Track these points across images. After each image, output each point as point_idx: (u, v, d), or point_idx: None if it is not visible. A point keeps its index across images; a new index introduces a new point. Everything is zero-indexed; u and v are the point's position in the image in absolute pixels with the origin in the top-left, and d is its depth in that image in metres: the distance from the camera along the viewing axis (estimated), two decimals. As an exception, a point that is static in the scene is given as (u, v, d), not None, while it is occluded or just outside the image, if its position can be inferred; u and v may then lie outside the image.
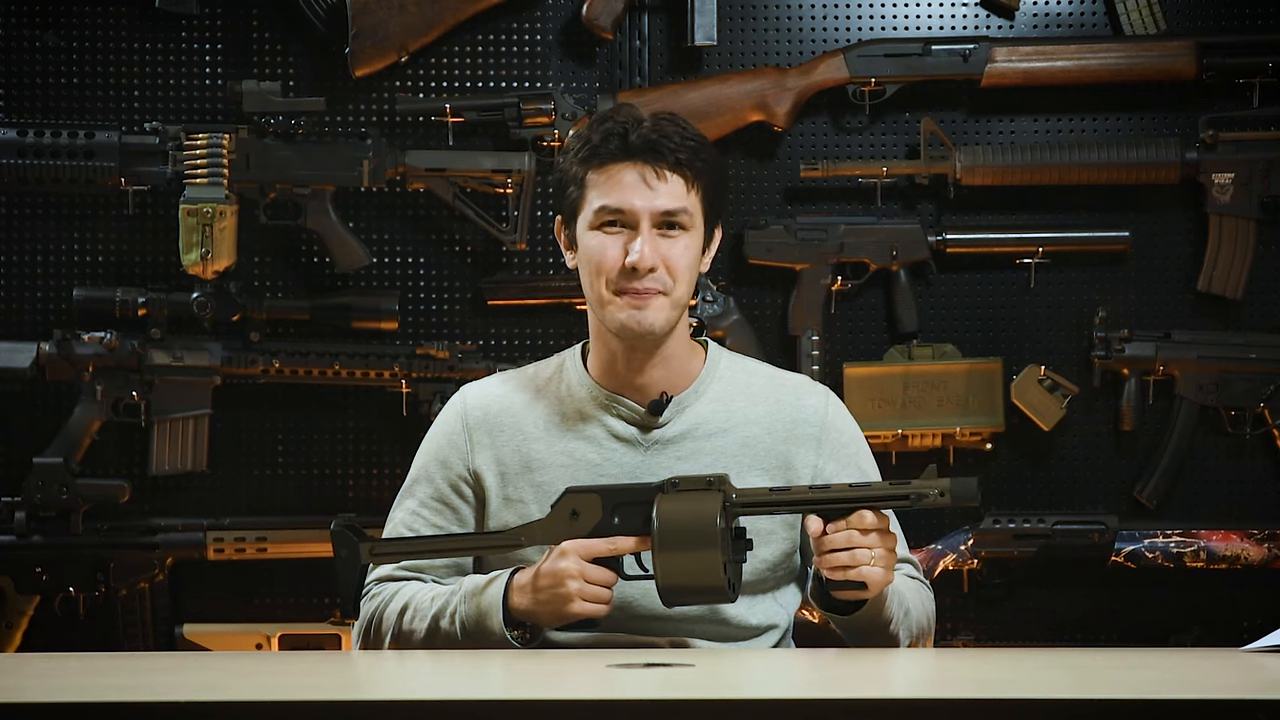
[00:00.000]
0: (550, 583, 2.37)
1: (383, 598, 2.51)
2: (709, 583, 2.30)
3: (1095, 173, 3.61)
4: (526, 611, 2.39)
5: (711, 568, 2.29)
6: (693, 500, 2.32)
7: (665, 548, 2.31)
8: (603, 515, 2.38)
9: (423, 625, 2.45)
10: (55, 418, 3.60)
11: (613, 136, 2.49)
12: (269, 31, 3.69)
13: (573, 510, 2.39)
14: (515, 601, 2.40)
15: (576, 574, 2.35)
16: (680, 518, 2.31)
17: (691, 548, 2.30)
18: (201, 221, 3.47)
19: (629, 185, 2.47)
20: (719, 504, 2.30)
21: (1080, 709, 1.81)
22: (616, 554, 2.36)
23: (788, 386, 2.61)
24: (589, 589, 2.35)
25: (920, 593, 2.54)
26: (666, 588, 2.31)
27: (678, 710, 1.84)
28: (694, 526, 2.30)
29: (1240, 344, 3.64)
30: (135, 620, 3.59)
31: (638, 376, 2.53)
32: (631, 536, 2.35)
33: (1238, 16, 3.69)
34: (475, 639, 2.41)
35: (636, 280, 2.46)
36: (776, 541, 2.52)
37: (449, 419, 2.60)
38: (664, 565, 2.31)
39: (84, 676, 2.15)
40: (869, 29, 3.70)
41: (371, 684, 2.09)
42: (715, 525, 2.29)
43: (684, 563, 2.30)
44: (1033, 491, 3.70)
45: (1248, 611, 3.60)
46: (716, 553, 2.29)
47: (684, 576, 2.31)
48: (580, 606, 2.36)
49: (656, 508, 2.32)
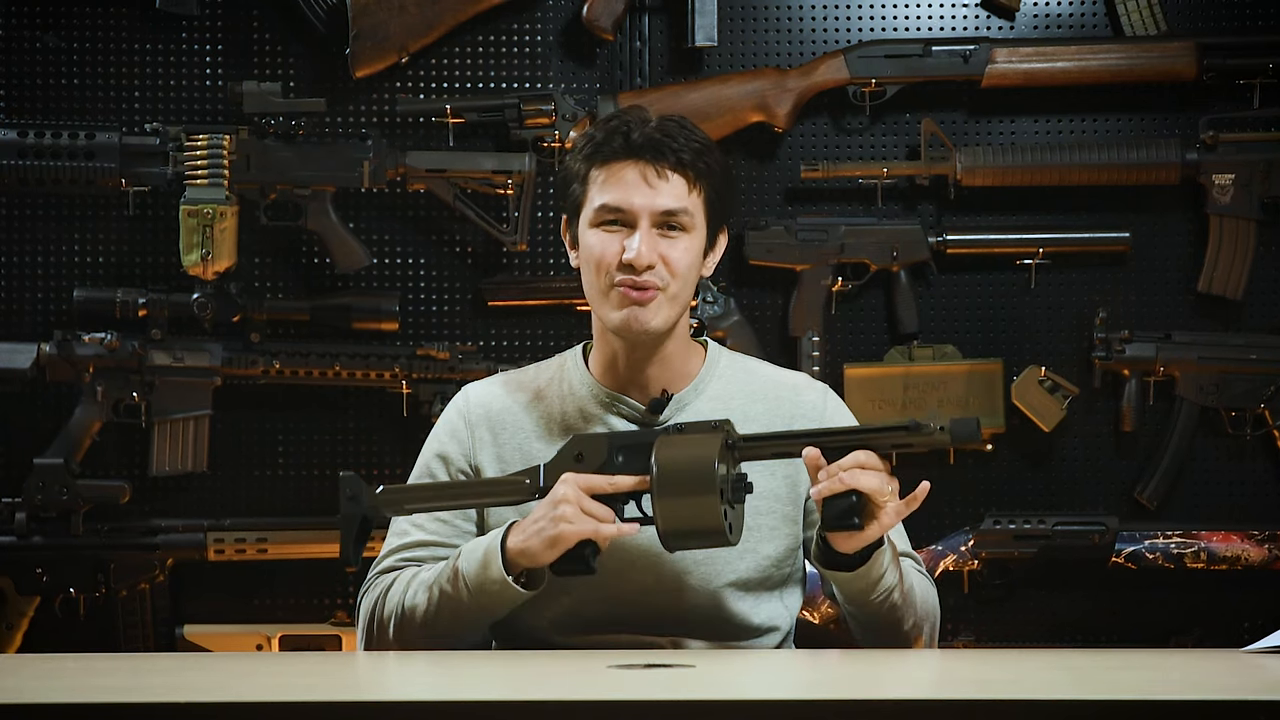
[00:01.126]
0: (545, 509, 2.35)
1: (383, 583, 2.51)
2: (708, 525, 2.28)
3: (1096, 173, 3.61)
4: (523, 548, 2.36)
5: (710, 510, 2.27)
6: (692, 444, 2.31)
7: (664, 490, 2.29)
8: (607, 456, 2.37)
9: (424, 596, 2.44)
10: (55, 418, 3.60)
11: (616, 134, 2.49)
12: (269, 32, 3.69)
13: (578, 453, 2.38)
14: (513, 542, 2.38)
15: (574, 499, 2.33)
16: (679, 461, 2.30)
17: (690, 491, 2.28)
18: (202, 222, 3.47)
19: (630, 183, 2.47)
20: (718, 446, 2.29)
21: (1080, 710, 1.81)
22: (616, 491, 2.35)
23: (786, 384, 2.62)
24: (583, 514, 2.33)
25: (924, 583, 2.53)
26: (666, 531, 2.30)
27: (678, 711, 1.84)
28: (693, 469, 2.29)
29: (1240, 345, 3.65)
30: (135, 621, 3.59)
31: (638, 375, 2.53)
32: (631, 476, 2.34)
33: (1238, 17, 3.69)
34: (477, 591, 2.39)
35: (634, 276, 2.46)
36: (780, 537, 2.52)
37: (451, 416, 2.60)
38: (663, 508, 2.29)
39: (84, 677, 2.15)
40: (869, 30, 3.71)
41: (372, 685, 2.09)
42: (713, 468, 2.28)
43: (683, 505, 2.28)
44: (1033, 492, 3.70)
45: (1248, 612, 3.60)
46: (715, 495, 2.27)
47: (683, 519, 2.29)
48: (573, 528, 2.32)
49: (655, 451, 2.31)
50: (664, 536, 2.30)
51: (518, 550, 2.37)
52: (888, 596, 2.41)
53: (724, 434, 2.31)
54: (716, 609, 2.49)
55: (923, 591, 2.51)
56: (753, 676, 2.15)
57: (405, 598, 2.46)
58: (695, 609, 2.48)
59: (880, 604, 2.41)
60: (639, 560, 2.47)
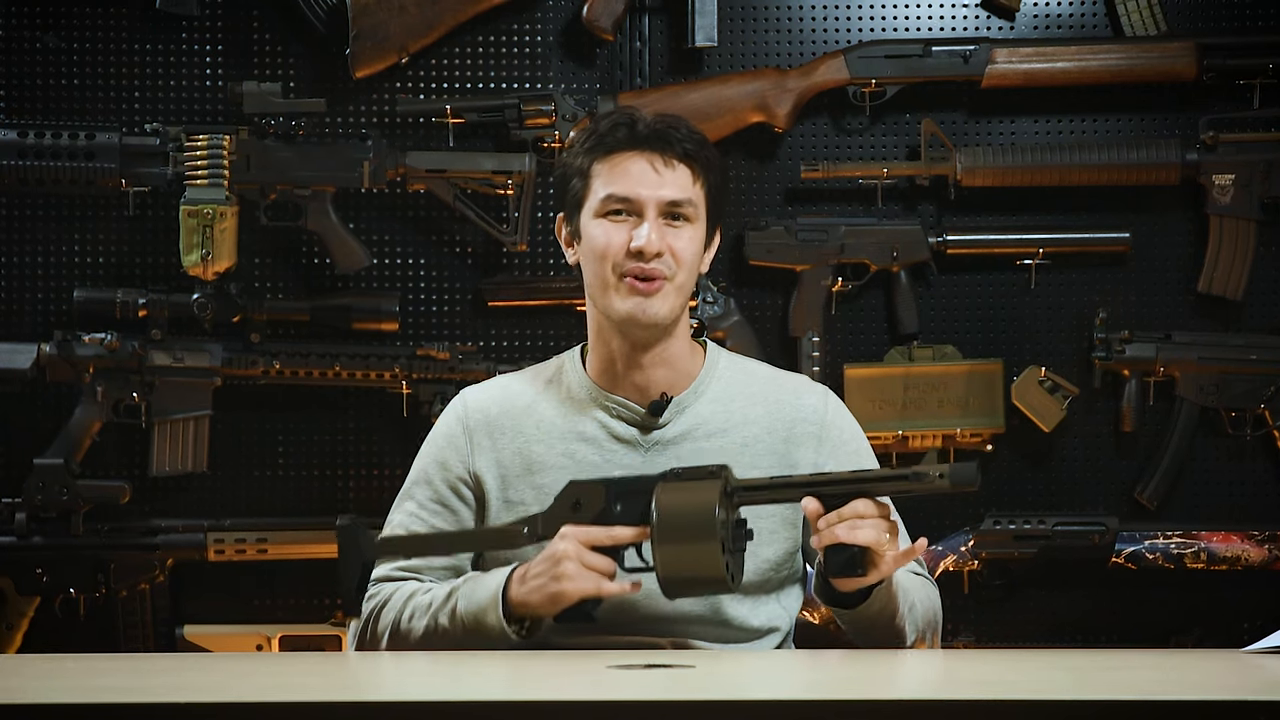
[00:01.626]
0: (547, 566, 2.35)
1: (380, 597, 2.50)
2: (709, 573, 2.27)
3: (1096, 174, 3.61)
4: (524, 601, 2.37)
5: (711, 558, 2.26)
6: (692, 490, 2.29)
7: (664, 538, 2.28)
8: (605, 504, 2.36)
9: (420, 623, 2.44)
10: (56, 419, 3.60)
11: (620, 127, 2.50)
12: (269, 32, 3.69)
13: (575, 501, 2.38)
14: (514, 592, 2.38)
15: (574, 555, 2.33)
16: (679, 508, 2.29)
17: (691, 538, 2.27)
18: (202, 223, 3.47)
19: (636, 174, 2.48)
20: (718, 493, 2.28)
21: (1080, 710, 1.81)
22: (615, 544, 2.34)
23: (787, 386, 2.61)
24: (585, 570, 2.33)
25: (925, 588, 2.53)
26: (666, 579, 2.29)
27: (678, 711, 1.84)
28: (693, 516, 2.27)
29: (1240, 345, 3.65)
30: (135, 621, 3.59)
31: (637, 375, 2.53)
32: (631, 528, 2.33)
33: (1238, 18, 3.69)
34: (474, 634, 2.40)
35: (642, 264, 2.46)
36: (779, 541, 2.52)
37: (449, 422, 2.59)
38: (663, 556, 2.28)
39: (84, 678, 2.15)
40: (869, 30, 3.71)
41: (371, 685, 2.09)
42: (714, 515, 2.27)
43: (683, 553, 2.27)
44: (1033, 493, 3.70)
45: (1248, 613, 3.60)
46: (715, 543, 2.26)
47: (684, 567, 2.28)
48: (577, 585, 2.32)
49: (655, 498, 2.30)
50: (664, 584, 2.30)
51: (519, 601, 2.38)
52: (890, 622, 2.41)
53: (723, 480, 2.30)
54: (716, 612, 2.49)
55: (924, 601, 2.50)
56: (753, 676, 2.15)
57: (401, 619, 2.46)
58: (694, 611, 2.48)
59: (882, 628, 2.42)
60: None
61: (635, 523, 2.33)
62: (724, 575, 2.27)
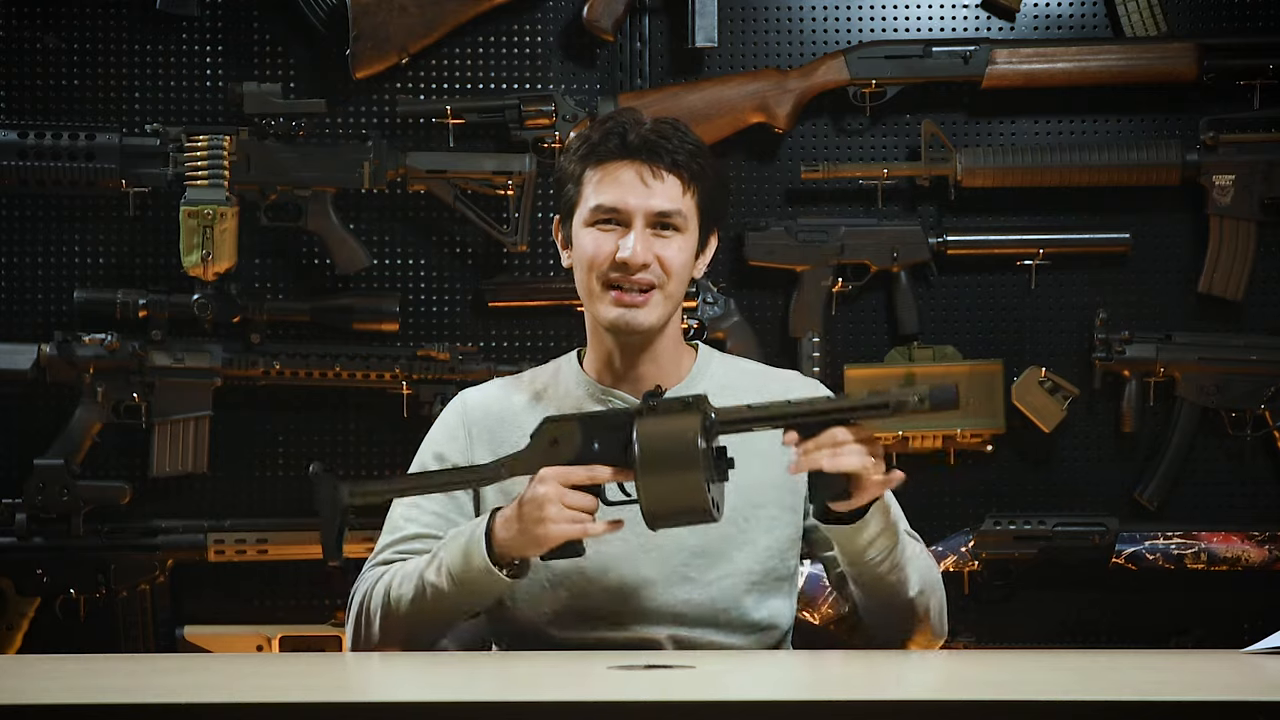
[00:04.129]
0: (530, 509, 2.35)
1: (374, 576, 2.52)
2: (692, 503, 2.27)
3: (1096, 174, 3.61)
4: (509, 543, 2.37)
5: (694, 487, 2.27)
6: (671, 421, 2.30)
7: (647, 469, 2.28)
8: (582, 442, 2.36)
9: (410, 587, 2.44)
10: (56, 419, 3.60)
11: (612, 135, 2.51)
12: (269, 33, 3.69)
13: (552, 439, 2.37)
14: (499, 536, 2.38)
15: (555, 498, 2.33)
16: (660, 438, 2.29)
17: (673, 468, 2.27)
18: (202, 223, 3.47)
19: (625, 184, 2.49)
20: (698, 423, 2.28)
21: (1080, 710, 1.81)
22: (595, 482, 2.34)
23: (778, 378, 2.65)
24: (568, 511, 2.33)
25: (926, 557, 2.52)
26: (650, 510, 2.29)
27: (678, 711, 1.84)
28: (674, 446, 2.28)
29: (1241, 346, 3.65)
30: (136, 622, 3.59)
31: (632, 371, 2.55)
32: (610, 466, 2.33)
33: (1238, 18, 3.69)
34: (463, 583, 2.40)
35: (627, 274, 2.48)
36: (780, 526, 2.52)
37: (448, 417, 2.62)
38: (647, 487, 2.28)
39: (84, 678, 2.15)
40: (869, 31, 3.71)
41: (371, 686, 2.10)
42: (696, 444, 2.27)
43: (666, 483, 2.28)
44: (1033, 493, 3.70)
45: (1248, 613, 3.58)
46: (698, 472, 2.26)
47: (667, 497, 2.28)
48: (561, 529, 2.33)
49: (636, 430, 2.30)
50: (648, 515, 2.30)
51: (505, 544, 2.38)
52: (887, 555, 2.40)
53: (701, 411, 2.30)
54: (715, 602, 2.50)
55: (926, 563, 2.50)
56: (753, 676, 2.15)
57: (391, 589, 2.47)
58: (695, 602, 2.49)
59: (880, 563, 2.41)
60: (639, 553, 2.47)
61: (614, 459, 2.33)
62: (707, 504, 2.27)
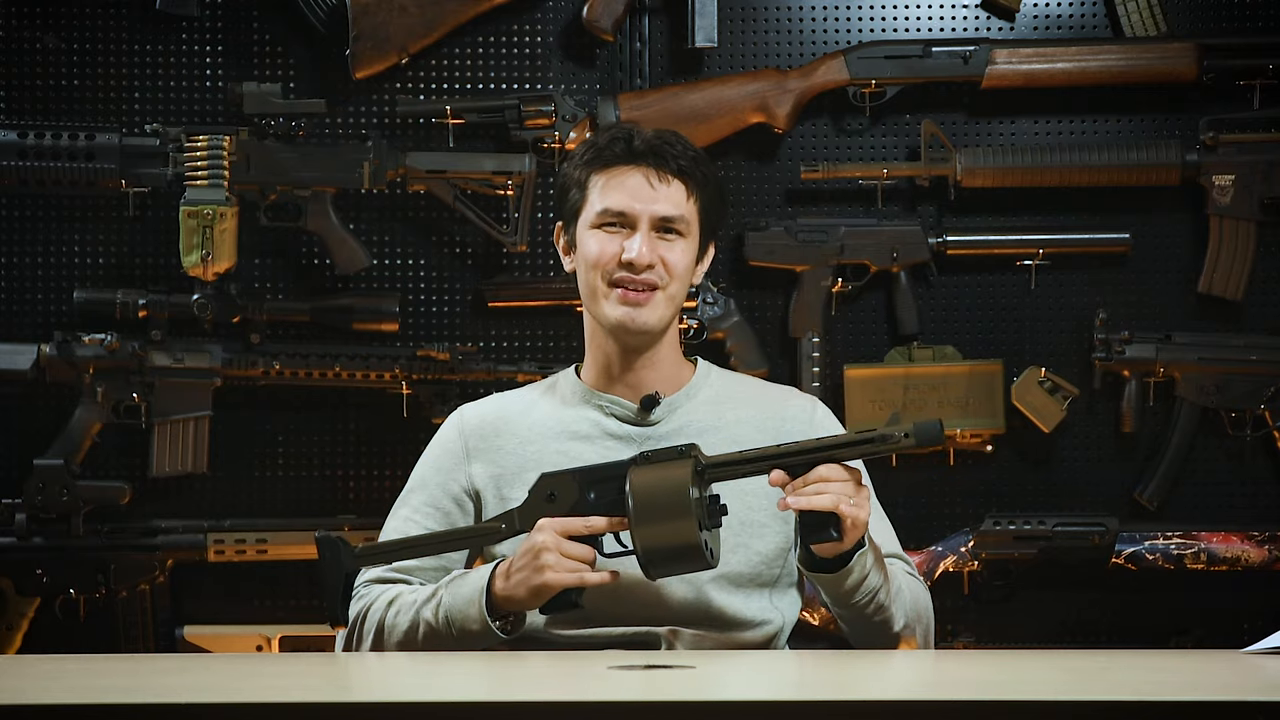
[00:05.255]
0: (527, 559, 2.38)
1: (369, 598, 2.54)
2: (687, 550, 2.32)
3: (1096, 174, 3.61)
4: (508, 596, 2.41)
5: (688, 534, 2.31)
6: (664, 469, 2.35)
7: (641, 519, 2.33)
8: (579, 494, 2.40)
9: (406, 620, 2.47)
10: (56, 419, 3.60)
11: (618, 141, 2.57)
12: (269, 33, 3.69)
13: (549, 493, 2.42)
14: (498, 588, 2.42)
15: (553, 546, 2.37)
16: (653, 488, 2.33)
17: (666, 516, 2.32)
18: (202, 223, 3.47)
19: (631, 188, 2.54)
20: (690, 470, 2.33)
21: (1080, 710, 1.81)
22: (592, 533, 2.38)
23: (776, 392, 2.70)
24: (566, 561, 2.36)
25: (916, 585, 2.56)
26: (647, 559, 2.33)
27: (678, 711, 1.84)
28: (667, 495, 2.32)
29: (1241, 346, 3.64)
30: (135, 622, 3.59)
31: (630, 377, 2.59)
32: (606, 516, 2.37)
33: (1238, 18, 3.69)
34: (457, 630, 2.43)
35: (632, 274, 2.52)
36: (770, 534, 2.54)
37: (447, 431, 2.66)
38: (642, 536, 2.33)
39: (84, 678, 2.15)
40: (869, 31, 3.71)
41: (371, 686, 2.10)
42: (688, 492, 2.32)
43: (661, 532, 2.32)
44: (1033, 493, 3.70)
45: (1248, 613, 3.59)
46: (691, 519, 2.31)
47: (662, 545, 2.33)
48: (559, 577, 2.36)
49: (629, 481, 2.35)
50: (645, 564, 2.35)
51: (503, 596, 2.42)
52: (872, 598, 2.43)
53: (693, 459, 2.35)
54: (707, 602, 2.51)
55: (913, 594, 2.53)
56: (752, 676, 2.15)
57: (387, 616, 2.50)
58: (687, 602, 2.51)
59: (865, 605, 2.43)
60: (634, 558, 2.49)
61: (610, 509, 2.38)
62: (702, 550, 2.32)
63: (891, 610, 2.46)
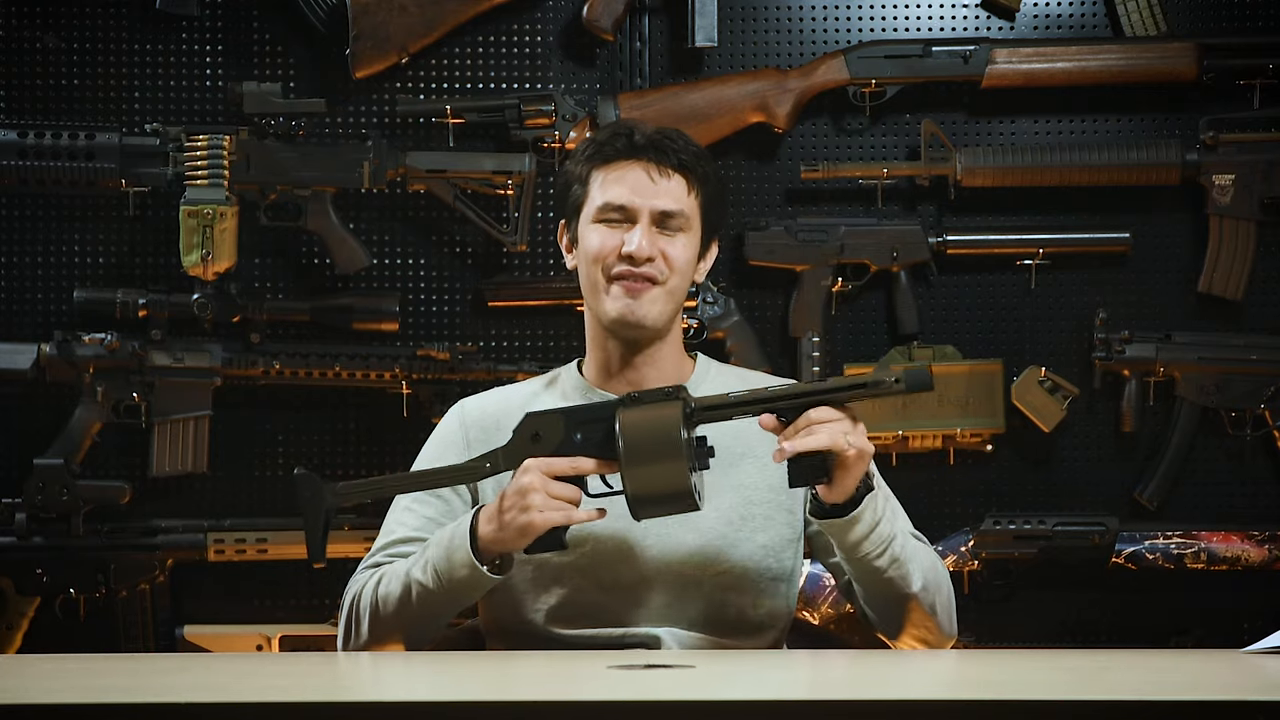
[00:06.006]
0: (514, 499, 2.38)
1: (359, 583, 2.54)
2: (676, 491, 2.31)
3: (1096, 174, 3.61)
4: (493, 537, 2.40)
5: (678, 475, 2.30)
6: (653, 410, 2.34)
7: (630, 458, 2.32)
8: (564, 434, 2.39)
9: (397, 587, 2.47)
10: (56, 419, 3.60)
11: (619, 136, 2.57)
12: (269, 33, 3.69)
13: (534, 433, 2.41)
14: (482, 530, 2.41)
15: (539, 486, 2.36)
16: (643, 428, 2.33)
17: (656, 457, 2.31)
18: (202, 223, 3.47)
19: (632, 182, 2.54)
20: (679, 412, 2.32)
21: (1080, 710, 1.81)
22: (578, 473, 2.38)
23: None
24: (552, 500, 2.36)
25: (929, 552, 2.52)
26: (634, 498, 2.32)
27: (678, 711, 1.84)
28: (657, 435, 2.32)
29: (1241, 345, 3.64)
30: (136, 622, 3.59)
31: (630, 375, 2.58)
32: (593, 458, 2.37)
33: (1238, 18, 3.69)
34: (447, 580, 2.42)
35: (632, 267, 2.51)
36: (775, 526, 2.54)
37: (448, 423, 2.66)
38: (631, 478, 2.32)
39: (84, 678, 2.15)
40: (869, 30, 3.71)
41: (371, 685, 2.10)
42: (678, 432, 2.31)
43: (650, 473, 2.31)
44: (1033, 493, 3.70)
45: (1248, 613, 3.59)
46: (681, 460, 2.30)
47: (651, 485, 2.32)
48: (545, 516, 2.36)
49: (619, 420, 2.34)
50: (632, 503, 2.33)
51: (489, 539, 2.41)
52: (886, 548, 2.41)
53: (682, 400, 2.34)
54: (710, 598, 2.51)
55: (930, 561, 2.50)
56: (753, 676, 2.15)
57: (379, 589, 2.50)
58: (690, 599, 2.50)
59: (876, 558, 2.41)
60: (634, 550, 2.49)
61: (596, 450, 2.37)
62: (691, 491, 2.31)
63: (908, 567, 2.43)
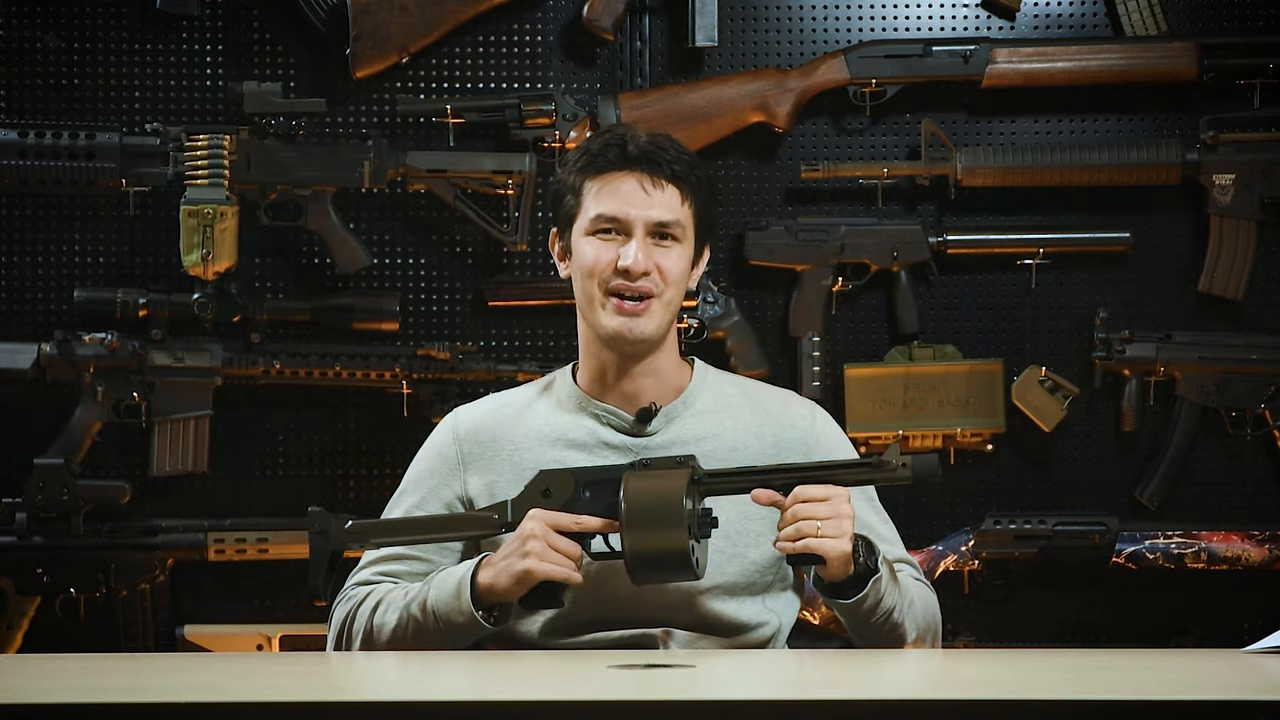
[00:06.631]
0: (514, 546, 2.39)
1: (355, 599, 2.54)
2: (675, 559, 2.32)
3: (1096, 174, 3.61)
4: (492, 583, 2.40)
5: (678, 544, 2.32)
6: (660, 478, 2.36)
7: (632, 524, 2.34)
8: (574, 492, 2.41)
9: (393, 618, 2.48)
10: (56, 419, 3.60)
11: (611, 147, 2.55)
12: (270, 32, 3.69)
13: (545, 488, 2.43)
14: (482, 576, 2.42)
15: (540, 535, 2.37)
16: (647, 495, 2.34)
17: (658, 524, 2.33)
18: (202, 222, 3.47)
19: (626, 194, 2.53)
20: (685, 481, 2.34)
21: (1080, 710, 1.81)
22: (582, 530, 2.38)
23: (775, 398, 2.67)
24: (551, 552, 2.37)
25: (924, 592, 2.56)
26: (634, 564, 2.34)
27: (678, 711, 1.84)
28: (660, 503, 2.33)
29: (1241, 345, 3.64)
30: (136, 621, 3.59)
31: (626, 385, 2.57)
32: (599, 517, 2.38)
33: (1238, 18, 3.69)
34: (444, 623, 2.43)
35: (629, 282, 2.50)
36: (766, 544, 2.53)
37: (441, 433, 2.65)
38: (631, 541, 2.34)
39: (84, 678, 2.15)
40: (869, 30, 3.71)
41: (370, 686, 2.10)
42: (681, 502, 2.32)
43: (650, 539, 2.33)
44: (1033, 493, 3.70)
45: (1248, 612, 3.59)
46: (682, 529, 2.32)
47: (651, 552, 2.33)
48: (544, 567, 2.36)
49: (624, 485, 2.36)
50: (631, 569, 2.35)
51: (487, 585, 2.42)
52: (888, 617, 2.44)
53: (690, 470, 2.36)
54: (700, 611, 2.51)
55: (924, 603, 2.53)
56: (752, 676, 2.15)
57: (375, 616, 2.50)
58: (680, 611, 2.51)
59: (881, 624, 2.44)
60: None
61: (603, 511, 2.38)
62: (690, 561, 2.32)
63: (905, 625, 2.47)
